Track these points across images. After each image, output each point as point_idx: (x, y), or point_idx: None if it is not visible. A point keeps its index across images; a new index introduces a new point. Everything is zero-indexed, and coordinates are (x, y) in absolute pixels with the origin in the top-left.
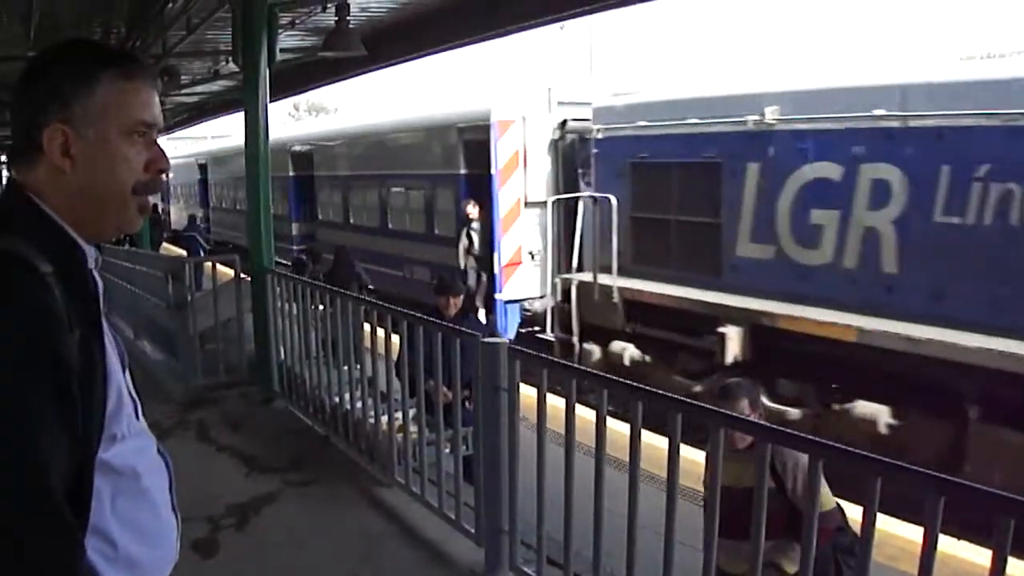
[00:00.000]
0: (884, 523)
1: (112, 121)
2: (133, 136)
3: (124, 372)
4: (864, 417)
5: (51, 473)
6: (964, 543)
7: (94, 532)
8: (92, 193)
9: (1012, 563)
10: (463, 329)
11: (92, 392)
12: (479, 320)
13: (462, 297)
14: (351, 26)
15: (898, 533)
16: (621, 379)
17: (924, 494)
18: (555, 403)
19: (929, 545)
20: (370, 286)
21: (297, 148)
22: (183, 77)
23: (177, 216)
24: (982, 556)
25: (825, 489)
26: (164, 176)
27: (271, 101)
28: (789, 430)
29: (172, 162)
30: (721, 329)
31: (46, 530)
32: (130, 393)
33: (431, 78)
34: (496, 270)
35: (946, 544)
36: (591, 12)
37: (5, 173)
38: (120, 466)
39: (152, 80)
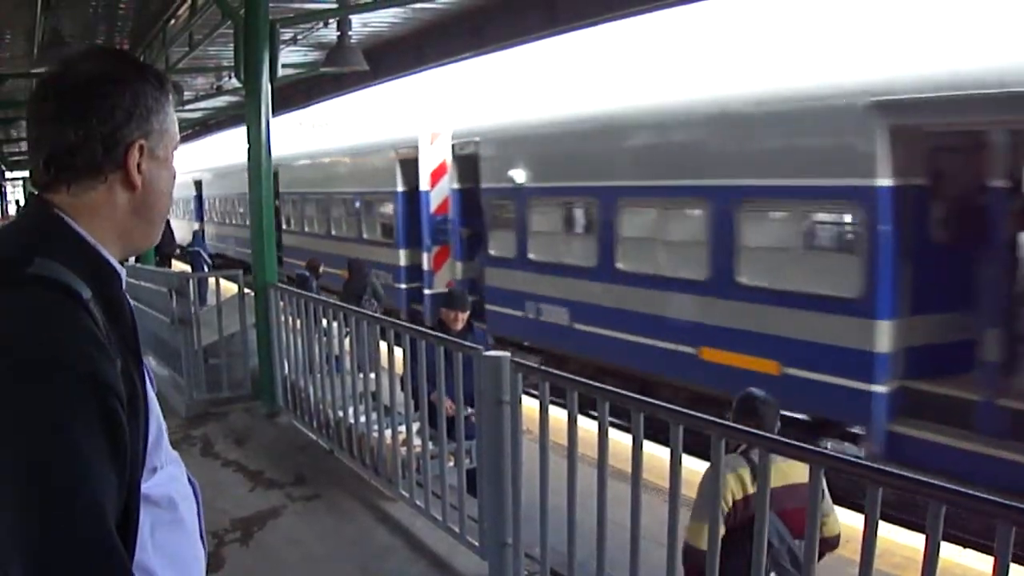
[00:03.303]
0: (891, 532)
1: (171, 139)
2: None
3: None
4: None
5: (108, 516)
6: (970, 551)
7: (137, 568)
8: (152, 210)
9: (1015, 570)
10: (466, 343)
11: (137, 423)
12: (484, 333)
13: (468, 312)
14: (353, 41)
15: (905, 543)
16: (622, 391)
17: (925, 502)
18: (557, 415)
19: (931, 552)
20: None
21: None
22: (186, 93)
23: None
24: (985, 563)
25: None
26: None
27: (274, 116)
28: (786, 439)
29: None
30: None
31: None
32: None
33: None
34: None
35: (952, 552)
36: (591, 24)
37: (8, 191)
38: (158, 497)
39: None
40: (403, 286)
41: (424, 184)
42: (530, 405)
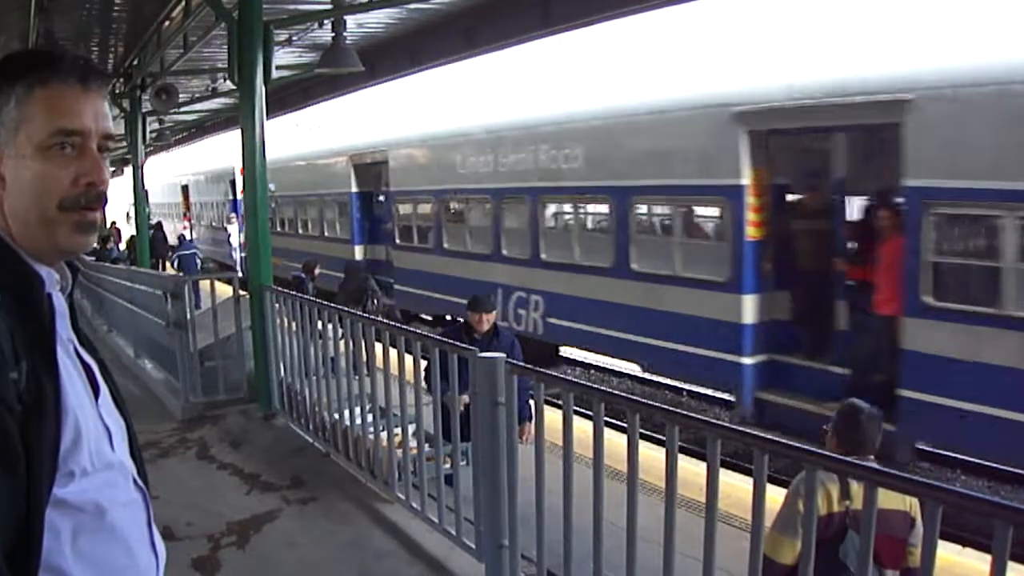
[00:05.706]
0: None
1: (25, 136)
2: (53, 149)
3: (97, 399)
4: None
5: None
6: (969, 550)
7: (49, 572)
8: (17, 214)
9: (1013, 569)
10: (461, 345)
11: (41, 427)
12: (510, 336)
13: (495, 313)
14: (348, 42)
15: None
16: (617, 392)
17: (923, 502)
18: (555, 416)
19: (928, 552)
20: (382, 299)
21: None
22: (181, 95)
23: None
24: (983, 562)
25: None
26: (99, 188)
27: (269, 118)
28: (785, 440)
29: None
30: None
31: None
32: (103, 422)
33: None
34: None
35: (952, 551)
36: (586, 25)
37: None
38: (80, 503)
39: (78, 79)
40: None
41: None
42: None
